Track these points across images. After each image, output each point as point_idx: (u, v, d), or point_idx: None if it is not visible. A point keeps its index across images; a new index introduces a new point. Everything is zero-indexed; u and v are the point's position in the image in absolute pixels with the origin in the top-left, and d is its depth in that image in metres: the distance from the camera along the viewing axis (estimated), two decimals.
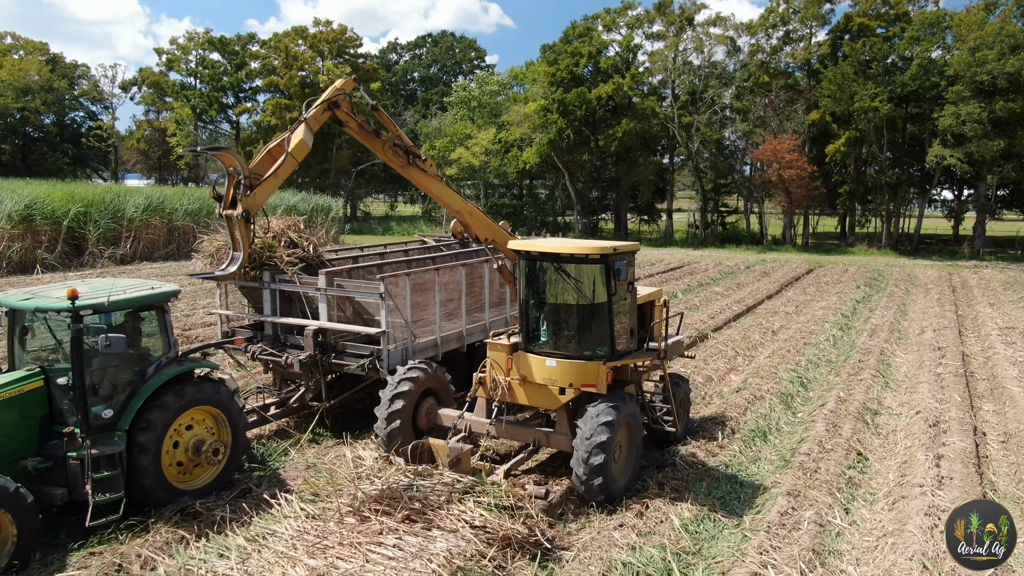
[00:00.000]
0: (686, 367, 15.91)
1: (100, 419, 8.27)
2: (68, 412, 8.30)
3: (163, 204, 36.57)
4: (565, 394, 9.38)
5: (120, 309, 8.53)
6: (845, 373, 15.72)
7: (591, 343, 9.43)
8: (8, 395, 7.93)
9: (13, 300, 8.45)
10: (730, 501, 9.44)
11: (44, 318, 8.56)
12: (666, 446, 11.17)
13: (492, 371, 9.84)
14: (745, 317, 22.87)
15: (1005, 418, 13.03)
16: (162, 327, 9.14)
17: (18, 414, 8.03)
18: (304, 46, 60.11)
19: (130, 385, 8.66)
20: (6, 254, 29.65)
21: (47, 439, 8.24)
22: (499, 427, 9.89)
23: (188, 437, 9.03)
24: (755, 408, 13.18)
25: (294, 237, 12.52)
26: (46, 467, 8.09)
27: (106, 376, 8.51)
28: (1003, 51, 39.07)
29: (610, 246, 9.25)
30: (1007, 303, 25.95)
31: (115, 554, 7.66)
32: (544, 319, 9.74)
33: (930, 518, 8.61)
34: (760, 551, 7.89)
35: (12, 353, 8.77)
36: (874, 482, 10.20)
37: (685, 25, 49.30)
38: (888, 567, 7.71)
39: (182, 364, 9.16)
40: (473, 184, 56.59)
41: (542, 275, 9.71)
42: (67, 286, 8.46)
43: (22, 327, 8.70)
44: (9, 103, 62.11)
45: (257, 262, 11.93)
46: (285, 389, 12.73)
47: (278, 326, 12.34)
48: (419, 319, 12.12)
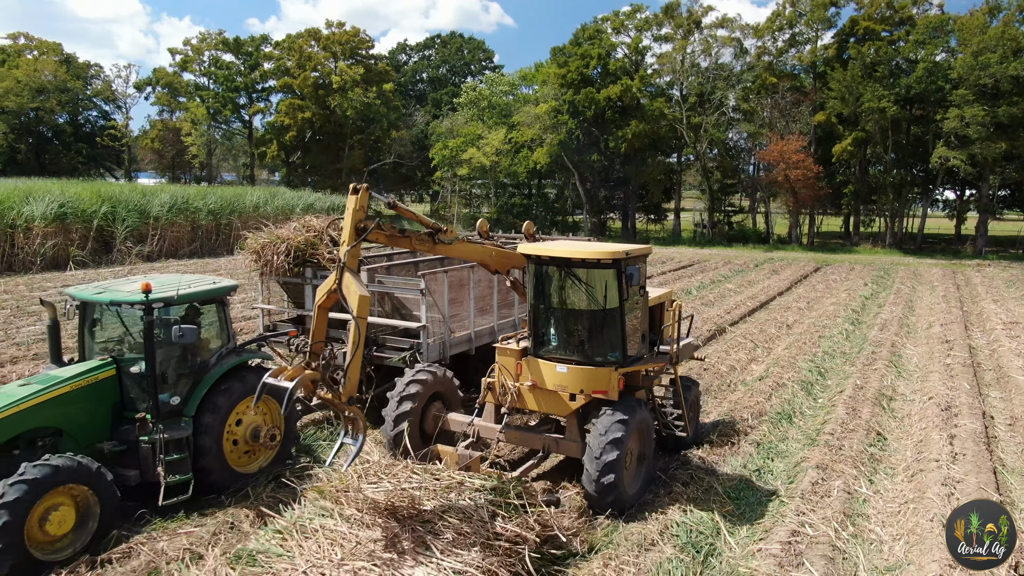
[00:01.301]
0: (709, 358, 16.88)
1: (168, 406, 8.80)
2: (138, 399, 8.84)
3: (187, 203, 37.49)
4: (576, 400, 9.13)
5: (188, 302, 9.04)
6: (860, 363, 16.69)
7: (602, 349, 9.18)
8: (84, 383, 8.48)
9: (86, 294, 8.94)
10: (764, 473, 10.42)
11: (116, 311, 9.03)
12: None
13: (501, 376, 9.65)
14: (759, 312, 23.82)
15: (1011, 404, 13.98)
16: (222, 320, 9.64)
17: (93, 401, 8.58)
18: (317, 47, 61.03)
19: (194, 374, 9.16)
20: (40, 251, 30.60)
21: (119, 425, 8.79)
22: (508, 433, 9.69)
23: (246, 424, 9.54)
24: (778, 394, 14.13)
25: (334, 235, 12.85)
26: (120, 450, 8.67)
27: (173, 365, 9.02)
28: (1005, 55, 39.99)
29: (622, 250, 9.05)
30: (1010, 300, 26.90)
31: (226, 514, 8.61)
32: (554, 324, 9.52)
33: (946, 487, 9.58)
34: (797, 513, 8.86)
35: (83, 344, 9.29)
36: (893, 458, 11.17)
37: (693, 28, 50.24)
38: (911, 527, 8.67)
39: (240, 355, 9.66)
40: (484, 183, 57.53)
41: (552, 279, 9.40)
42: (135, 281, 9.13)
43: (92, 319, 9.23)
44: (25, 103, 63.01)
45: (300, 259, 12.56)
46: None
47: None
48: (455, 314, 12.52)
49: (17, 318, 20.26)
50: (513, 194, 57.69)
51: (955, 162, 41.54)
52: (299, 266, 12.63)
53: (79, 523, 7.67)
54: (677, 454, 10.98)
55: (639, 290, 9.39)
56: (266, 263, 12.77)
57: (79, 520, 7.67)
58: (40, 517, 7.35)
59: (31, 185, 36.17)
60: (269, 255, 12.69)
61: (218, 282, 9.70)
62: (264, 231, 13.15)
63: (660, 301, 10.72)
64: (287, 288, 13.53)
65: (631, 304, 9.18)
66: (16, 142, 65.95)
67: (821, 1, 48.46)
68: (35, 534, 7.33)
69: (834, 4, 48.84)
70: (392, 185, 70.19)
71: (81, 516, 7.70)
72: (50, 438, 8.24)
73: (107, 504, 7.85)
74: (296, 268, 12.63)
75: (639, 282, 9.16)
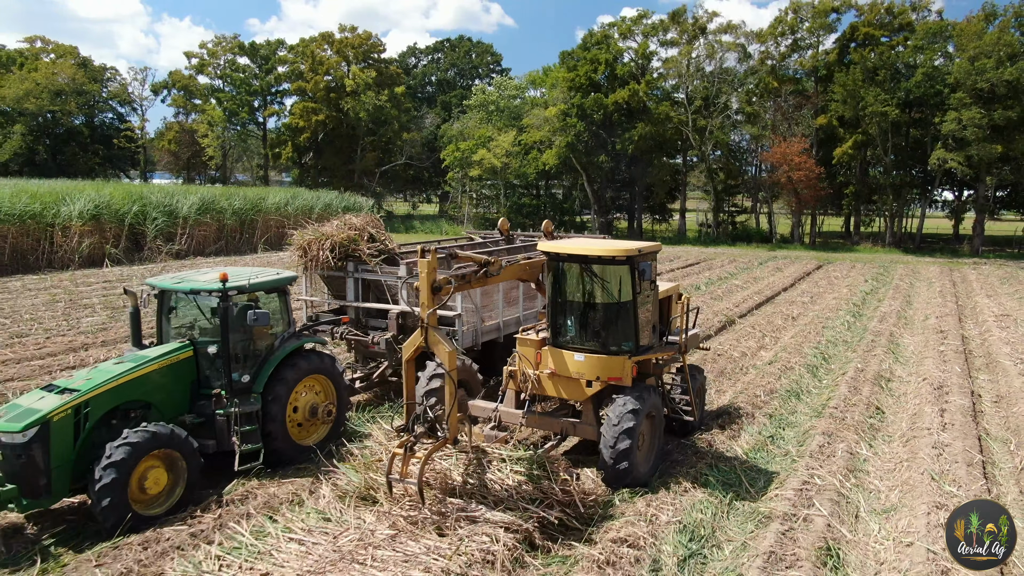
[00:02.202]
0: (722, 346, 18.35)
1: (240, 383, 9.78)
2: (213, 377, 9.83)
3: (214, 204, 38.97)
4: (592, 386, 9.85)
5: (258, 291, 10.04)
6: (860, 350, 18.15)
7: (617, 339, 9.90)
8: (167, 363, 9.51)
9: (166, 283, 10.03)
10: (777, 439, 11.88)
11: (195, 298, 10.07)
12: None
13: (522, 365, 10.36)
14: (766, 306, 25.28)
15: (998, 384, 15.43)
16: (284, 306, 10.65)
17: (175, 378, 9.62)
18: (330, 51, 62.52)
19: (261, 355, 10.14)
20: (78, 249, 32.08)
21: (196, 400, 9.85)
22: (530, 418, 10.42)
23: (304, 400, 10.58)
24: (787, 376, 15.59)
25: (373, 232, 13.94)
26: (199, 423, 9.72)
27: (243, 347, 9.95)
28: (1001, 60, 41.44)
29: (635, 247, 9.73)
30: (1003, 295, 28.34)
31: (317, 469, 10.06)
32: (572, 315, 10.20)
33: (936, 450, 11.04)
34: (807, 469, 10.33)
35: (160, 329, 10.30)
36: (890, 428, 12.63)
37: (698, 33, 51.70)
38: (904, 479, 10.13)
39: (299, 338, 10.67)
40: (494, 184, 58.97)
41: (570, 275, 10.14)
42: (208, 272, 10.28)
43: (169, 307, 10.24)
44: (44, 105, 64.49)
45: (343, 254, 13.52)
46: (367, 366, 14.19)
47: (360, 310, 13.73)
48: (486, 304, 13.50)
49: (74, 310, 21.73)
50: (523, 194, 59.14)
51: (952, 164, 42.99)
52: (342, 260, 13.57)
53: (170, 484, 8.80)
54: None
55: (650, 284, 10.09)
56: (312, 258, 13.66)
57: (170, 481, 8.80)
58: (140, 477, 8.48)
59: (66, 186, 37.70)
60: (315, 250, 13.60)
61: (281, 273, 10.75)
62: (309, 228, 14.09)
63: (668, 295, 11.46)
64: (328, 281, 14.40)
65: (643, 297, 9.90)
66: (34, 144, 67.49)
67: (823, 7, 50.02)
68: (135, 492, 8.45)
69: (835, 11, 50.35)
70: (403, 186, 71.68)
71: (172, 478, 8.82)
72: (141, 410, 9.28)
73: (193, 468, 8.93)
74: (339, 262, 13.56)
75: (650, 277, 9.95)
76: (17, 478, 8.11)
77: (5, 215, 30.01)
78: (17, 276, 28.68)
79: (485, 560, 7.29)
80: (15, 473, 8.11)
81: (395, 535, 7.73)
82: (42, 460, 8.18)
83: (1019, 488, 10.11)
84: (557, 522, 8.36)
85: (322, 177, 63.20)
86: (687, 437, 11.71)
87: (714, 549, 8.29)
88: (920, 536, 8.27)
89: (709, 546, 8.33)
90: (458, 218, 61.76)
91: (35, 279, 27.90)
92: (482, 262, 9.36)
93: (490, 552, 7.36)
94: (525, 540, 7.98)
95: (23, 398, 8.84)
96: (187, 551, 7.88)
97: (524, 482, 8.68)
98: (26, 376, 14.66)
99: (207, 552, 7.58)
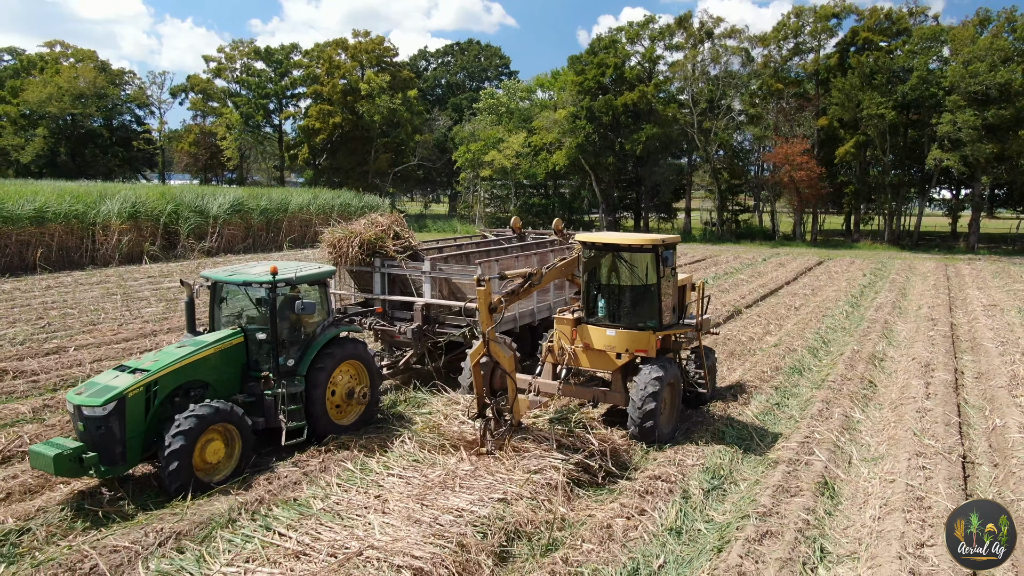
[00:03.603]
0: (730, 332, 20.14)
1: (285, 367, 10.66)
2: (261, 361, 10.68)
3: (242, 204, 40.83)
4: (621, 358, 11.42)
5: (303, 283, 10.89)
6: (857, 335, 19.93)
7: (643, 316, 11.53)
8: (222, 347, 10.37)
9: (219, 275, 10.89)
10: (782, 407, 13.68)
11: (246, 289, 10.87)
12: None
13: (559, 340, 11.89)
14: (770, 298, 27.06)
15: (979, 364, 17.21)
16: (324, 297, 11.48)
17: (229, 362, 10.47)
18: (345, 56, 64.39)
19: (304, 341, 11.01)
20: (119, 247, 33.93)
21: (246, 382, 10.71)
22: (565, 387, 11.97)
23: (341, 384, 11.49)
24: (790, 356, 17.38)
25: (399, 230, 14.85)
26: (249, 402, 10.54)
27: (289, 334, 10.84)
28: (994, 63, 43.17)
29: (659, 239, 11.47)
30: (993, 288, 30.10)
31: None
32: (604, 297, 11.77)
33: (919, 414, 12.83)
34: (809, 428, 12.14)
35: (213, 317, 11.15)
36: (881, 398, 14.43)
37: (704, 38, 53.50)
38: (891, 435, 11.93)
39: (338, 327, 11.62)
40: (504, 184, 60.79)
41: (604, 261, 11.79)
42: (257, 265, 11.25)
43: (221, 297, 11.10)
44: (66, 107, 66.40)
45: (371, 250, 14.52)
46: (393, 355, 15.10)
47: (386, 302, 14.62)
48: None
49: (132, 302, 23.58)
50: (532, 194, 60.97)
51: (949, 163, 44.74)
52: (370, 256, 14.58)
53: (227, 455, 9.76)
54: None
55: (671, 271, 11.70)
56: (342, 254, 14.56)
57: (227, 452, 9.76)
58: (202, 446, 9.43)
59: (101, 187, 39.57)
60: (345, 247, 14.51)
61: (322, 267, 11.58)
62: (339, 227, 14.99)
63: (685, 283, 13.04)
64: (356, 276, 15.30)
65: (665, 281, 11.51)
66: (56, 146, 69.41)
67: (824, 12, 51.81)
68: (198, 461, 9.39)
69: (836, 15, 52.15)
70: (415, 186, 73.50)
71: (229, 450, 9.78)
72: (200, 390, 10.14)
73: (247, 442, 9.89)
74: (367, 259, 14.58)
75: (672, 264, 11.59)
76: (97, 447, 9.00)
77: (52, 214, 31.86)
78: (65, 272, 30.54)
79: (550, 486, 9.11)
80: (95, 442, 9.00)
81: (474, 470, 9.54)
82: (119, 431, 9.07)
83: (989, 443, 11.90)
84: (598, 467, 10.17)
85: (336, 178, 65.07)
86: (700, 407, 13.32)
87: (731, 485, 10.11)
88: (901, 475, 10.06)
89: (728, 483, 10.15)
90: (469, 217, 63.59)
91: (83, 275, 29.76)
92: (526, 276, 10.74)
93: (552, 480, 9.19)
94: (574, 478, 9.80)
95: (99, 377, 9.75)
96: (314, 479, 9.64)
97: (567, 434, 10.56)
98: (111, 357, 16.49)
99: (328, 481, 9.38)
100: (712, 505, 9.49)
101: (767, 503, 9.17)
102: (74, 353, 16.89)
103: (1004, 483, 10.10)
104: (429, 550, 7.45)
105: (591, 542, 8.24)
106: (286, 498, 9.24)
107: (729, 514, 9.19)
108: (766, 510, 8.98)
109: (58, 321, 20.26)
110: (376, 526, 8.04)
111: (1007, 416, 12.59)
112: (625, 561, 7.95)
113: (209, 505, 9.03)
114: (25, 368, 15.27)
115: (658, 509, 9.13)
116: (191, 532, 8.34)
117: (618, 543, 8.31)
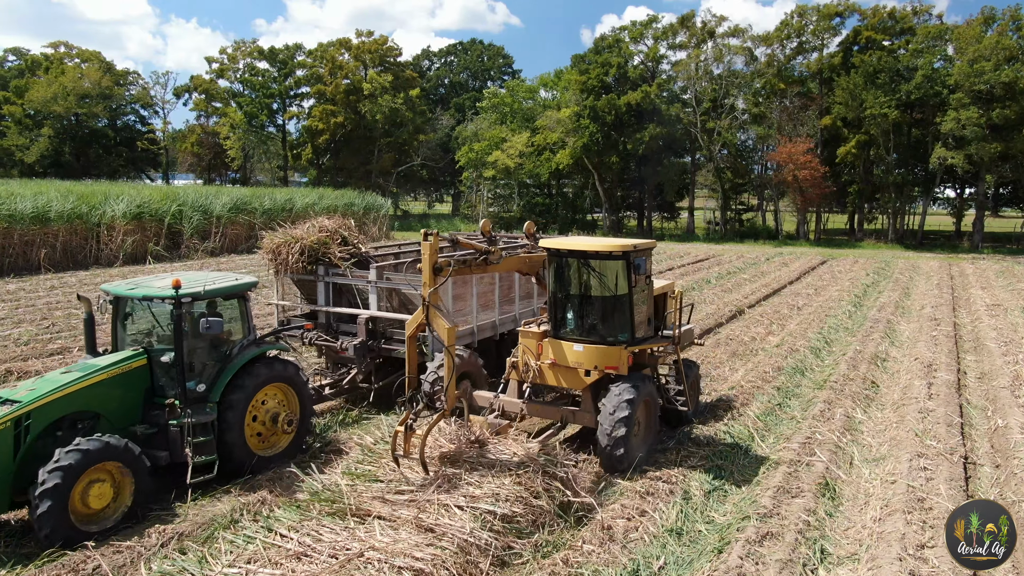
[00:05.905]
0: (733, 331, 20.14)
1: (195, 392, 9.42)
2: (167, 386, 9.44)
3: (246, 204, 40.94)
4: (590, 376, 10.30)
5: (213, 297, 9.70)
6: (860, 335, 19.91)
7: (613, 330, 10.38)
8: (119, 371, 9.15)
9: (120, 289, 9.65)
10: (784, 407, 13.67)
11: (148, 305, 9.74)
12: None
13: (524, 356, 10.79)
14: (773, 298, 27.04)
15: (982, 364, 17.18)
16: (243, 313, 10.25)
17: (127, 388, 9.25)
18: (348, 56, 64.48)
19: (218, 363, 9.79)
20: (123, 247, 34.04)
21: (150, 410, 9.45)
22: (530, 406, 10.90)
23: (264, 410, 10.20)
24: (792, 356, 17.37)
25: (346, 235, 13.64)
26: (151, 433, 9.31)
27: (199, 355, 9.69)
28: (999, 62, 43.07)
29: (630, 244, 10.28)
30: (997, 287, 30.03)
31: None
32: (571, 308, 10.70)
33: (921, 414, 12.81)
34: (810, 428, 12.13)
35: (115, 336, 9.85)
36: (883, 398, 14.41)
37: (707, 37, 53.47)
38: (892, 436, 11.92)
39: (260, 346, 10.31)
40: (507, 184, 60.82)
41: (569, 270, 10.64)
42: (164, 277, 9.87)
43: (124, 313, 9.86)
44: (71, 107, 66.60)
45: (313, 257, 13.21)
46: (337, 372, 13.72)
47: (331, 315, 13.54)
48: (459, 309, 12.96)
49: None
50: (535, 194, 60.98)
51: (953, 162, 44.63)
52: (312, 264, 13.28)
53: (114, 499, 8.49)
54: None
55: (645, 279, 10.62)
56: (282, 261, 13.32)
57: (114, 497, 8.49)
58: (84, 488, 8.15)
59: (106, 187, 39.71)
60: (284, 254, 13.25)
61: (240, 279, 10.32)
62: (279, 231, 13.77)
63: (664, 291, 11.88)
64: (300, 285, 14.14)
65: (638, 291, 10.43)
66: (60, 146, 69.63)
67: (827, 11, 51.72)
68: (78, 505, 8.12)
69: (839, 14, 52.05)
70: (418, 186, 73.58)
71: (117, 493, 8.51)
72: (89, 421, 8.94)
73: (141, 483, 8.62)
74: (309, 266, 13.27)
75: (645, 272, 10.51)
76: None
77: (56, 214, 31.97)
78: (69, 272, 30.66)
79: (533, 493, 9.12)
80: None
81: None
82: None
83: (991, 443, 11.88)
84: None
85: (339, 177, 65.22)
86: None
87: (732, 486, 10.11)
88: (902, 476, 10.06)
89: (729, 483, 10.15)
90: (472, 217, 63.61)
91: (87, 275, 29.85)
92: (483, 250, 9.90)
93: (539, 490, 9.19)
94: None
95: None
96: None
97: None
98: None
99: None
100: (713, 506, 9.51)
101: (768, 504, 9.18)
102: (78, 354, 16.92)
103: (1006, 484, 10.10)
104: None
105: (591, 543, 8.26)
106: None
107: (730, 515, 9.20)
108: (767, 511, 8.99)
109: (62, 321, 20.34)
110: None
111: (1009, 417, 12.57)
112: (625, 562, 7.97)
113: (212, 506, 9.06)
114: (29, 368, 15.34)
115: (659, 510, 9.14)
116: (193, 533, 8.38)
117: (618, 544, 8.33)
